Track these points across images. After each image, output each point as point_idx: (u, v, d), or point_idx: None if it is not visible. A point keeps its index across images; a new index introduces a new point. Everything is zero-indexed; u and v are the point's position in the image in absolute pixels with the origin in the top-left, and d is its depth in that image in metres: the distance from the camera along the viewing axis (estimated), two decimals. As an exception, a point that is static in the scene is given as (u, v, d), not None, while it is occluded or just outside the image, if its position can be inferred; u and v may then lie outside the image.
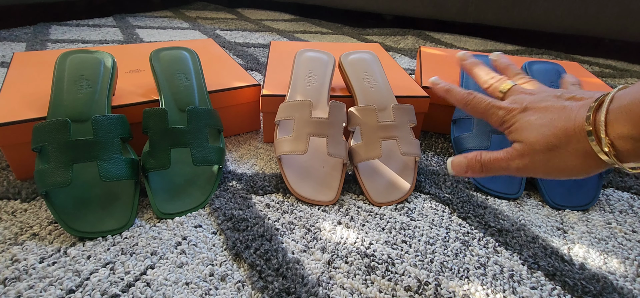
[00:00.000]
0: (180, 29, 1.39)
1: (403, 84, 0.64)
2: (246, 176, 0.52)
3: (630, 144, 0.27)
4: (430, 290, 0.36)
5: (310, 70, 0.60)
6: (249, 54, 1.09)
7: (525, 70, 0.63)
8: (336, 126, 0.50)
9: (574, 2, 1.21)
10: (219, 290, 0.35)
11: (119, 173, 0.42)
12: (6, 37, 1.12)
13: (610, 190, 0.53)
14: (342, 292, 0.35)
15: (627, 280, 0.39)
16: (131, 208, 0.43)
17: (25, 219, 0.42)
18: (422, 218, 0.46)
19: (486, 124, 0.55)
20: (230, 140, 0.62)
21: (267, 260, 0.38)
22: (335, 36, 1.41)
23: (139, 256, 0.38)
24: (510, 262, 0.40)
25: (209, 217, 0.44)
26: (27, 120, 0.46)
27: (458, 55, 0.48)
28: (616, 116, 0.27)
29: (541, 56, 1.23)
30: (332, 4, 1.66)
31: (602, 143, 0.28)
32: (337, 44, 0.87)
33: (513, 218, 0.47)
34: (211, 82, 0.59)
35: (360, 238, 0.42)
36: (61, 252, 0.38)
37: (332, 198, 0.48)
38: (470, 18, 1.40)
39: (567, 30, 1.26)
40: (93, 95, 0.49)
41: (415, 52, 1.21)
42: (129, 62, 0.67)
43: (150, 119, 0.46)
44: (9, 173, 0.50)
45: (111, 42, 1.15)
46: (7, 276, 0.35)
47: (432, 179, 0.54)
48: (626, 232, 0.45)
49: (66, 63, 0.51)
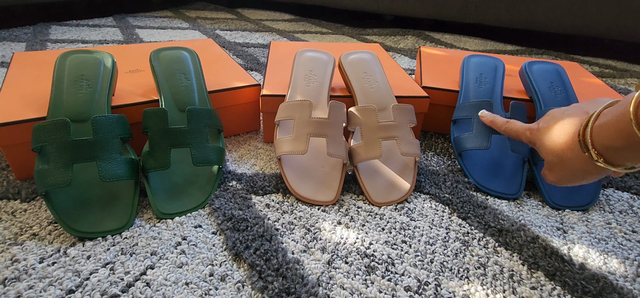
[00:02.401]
0: (180, 29, 1.39)
1: (403, 84, 0.64)
2: (246, 176, 0.52)
3: (613, 152, 0.32)
4: (430, 290, 0.36)
5: (310, 70, 0.60)
6: (249, 54, 1.09)
7: (525, 70, 0.63)
8: (336, 126, 0.50)
9: (574, 2, 1.21)
10: (219, 290, 0.35)
11: (119, 173, 0.42)
12: (6, 37, 1.12)
13: (610, 190, 0.53)
14: (342, 292, 0.35)
15: (627, 280, 0.39)
16: (131, 209, 0.43)
17: (25, 219, 0.42)
18: (422, 218, 0.46)
19: (486, 124, 0.55)
20: (230, 140, 0.62)
21: (267, 260, 0.38)
22: (335, 36, 1.41)
23: (139, 256, 0.38)
24: (510, 262, 0.40)
25: (208, 217, 0.44)
26: (27, 120, 0.46)
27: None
28: (598, 132, 0.33)
29: (541, 56, 1.23)
30: (332, 4, 1.66)
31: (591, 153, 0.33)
32: (337, 44, 0.87)
33: (513, 218, 0.47)
34: (211, 82, 0.59)
35: (360, 239, 0.42)
36: (61, 252, 0.38)
37: (332, 198, 0.48)
38: (470, 18, 1.40)
39: (567, 30, 1.26)
40: (93, 95, 0.49)
41: (415, 52, 1.21)
42: (129, 62, 0.67)
43: (150, 119, 0.46)
44: (9, 173, 0.50)
45: (111, 42, 1.15)
46: (7, 276, 0.35)
47: (432, 179, 0.54)
48: (626, 232, 0.45)
49: (66, 63, 0.51)
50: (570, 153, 0.36)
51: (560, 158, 0.38)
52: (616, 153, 0.32)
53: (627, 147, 0.31)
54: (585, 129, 0.34)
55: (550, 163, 0.40)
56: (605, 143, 0.32)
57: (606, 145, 0.32)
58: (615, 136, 0.31)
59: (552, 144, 0.38)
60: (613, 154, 0.32)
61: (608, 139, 0.32)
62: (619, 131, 0.31)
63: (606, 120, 0.32)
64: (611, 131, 0.32)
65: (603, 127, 0.32)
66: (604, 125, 0.32)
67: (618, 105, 0.32)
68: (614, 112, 0.32)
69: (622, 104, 0.31)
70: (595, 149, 0.33)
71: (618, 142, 0.31)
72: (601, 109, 0.34)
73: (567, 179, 0.39)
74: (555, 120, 0.39)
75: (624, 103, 0.31)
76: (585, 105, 0.38)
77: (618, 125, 0.31)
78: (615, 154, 0.32)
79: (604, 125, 0.32)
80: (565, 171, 0.38)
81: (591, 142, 0.33)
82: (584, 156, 0.34)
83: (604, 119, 0.33)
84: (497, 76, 0.64)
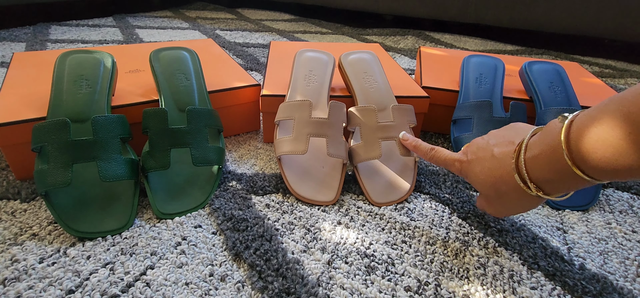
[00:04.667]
0: (180, 29, 1.39)
1: (403, 84, 0.64)
2: (246, 176, 0.52)
3: (550, 184, 0.31)
4: (430, 290, 0.36)
5: (310, 70, 0.60)
6: (249, 54, 1.09)
7: (525, 70, 0.63)
8: (336, 126, 0.50)
9: (574, 2, 1.20)
10: (219, 290, 0.35)
11: (119, 173, 0.42)
12: (6, 37, 1.12)
13: (610, 190, 0.53)
14: (342, 292, 0.35)
15: (627, 280, 0.39)
16: (131, 209, 0.43)
17: (25, 219, 0.42)
18: (422, 218, 0.46)
19: (486, 124, 0.55)
20: (230, 140, 0.62)
21: (267, 261, 0.38)
22: (335, 36, 1.41)
23: (139, 256, 0.38)
24: (510, 262, 0.40)
25: (208, 217, 0.44)
26: (27, 120, 0.46)
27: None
28: (531, 166, 0.32)
29: (541, 56, 1.23)
30: (332, 4, 1.66)
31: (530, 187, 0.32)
32: (337, 44, 0.87)
33: (513, 218, 0.46)
34: (211, 82, 0.59)
35: (360, 239, 0.42)
36: (61, 252, 0.38)
37: (332, 198, 0.48)
38: (470, 18, 1.40)
39: (567, 30, 1.26)
40: (93, 95, 0.49)
41: (415, 52, 1.21)
42: (128, 62, 0.67)
43: (150, 119, 0.46)
44: (9, 173, 0.50)
45: (111, 42, 1.15)
46: (6, 276, 0.35)
47: (432, 179, 0.54)
48: (626, 232, 0.45)
49: (66, 63, 0.51)
50: (505, 187, 0.34)
51: (497, 192, 0.36)
52: (553, 184, 0.31)
53: (562, 179, 0.30)
54: (518, 163, 0.33)
55: (487, 197, 0.38)
56: (542, 176, 0.31)
57: (543, 179, 0.31)
58: (550, 168, 0.30)
59: (485, 177, 0.36)
60: (550, 186, 0.32)
61: (544, 171, 0.31)
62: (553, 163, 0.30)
63: (538, 153, 0.31)
64: (546, 164, 0.30)
65: (537, 160, 0.31)
66: (538, 158, 0.31)
67: (545, 135, 0.31)
68: (543, 143, 0.31)
69: (550, 134, 0.30)
70: (533, 183, 0.32)
71: (554, 175, 0.30)
72: (527, 140, 0.33)
73: (507, 210, 0.37)
74: (484, 151, 0.37)
75: (552, 134, 0.30)
76: (507, 134, 0.36)
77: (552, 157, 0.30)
78: (552, 186, 0.31)
79: (537, 158, 0.31)
80: (504, 204, 0.36)
81: (528, 176, 0.32)
82: (521, 189, 0.33)
83: (536, 150, 0.31)
84: (497, 76, 0.64)
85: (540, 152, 0.31)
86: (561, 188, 0.31)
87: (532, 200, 0.34)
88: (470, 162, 0.38)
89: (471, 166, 0.38)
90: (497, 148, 0.36)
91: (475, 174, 0.38)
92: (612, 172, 0.27)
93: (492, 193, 0.36)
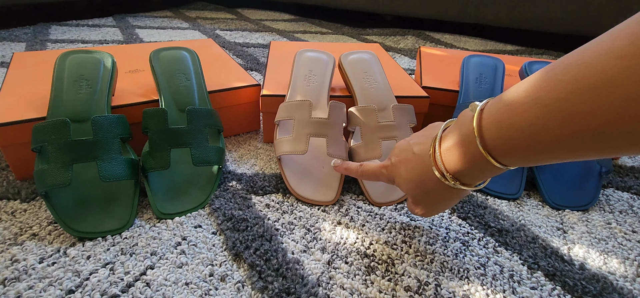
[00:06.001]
0: (180, 29, 1.39)
1: (403, 84, 0.64)
2: (246, 176, 0.52)
3: (465, 174, 0.31)
4: (430, 291, 0.36)
5: (310, 70, 0.60)
6: (249, 54, 1.09)
7: (525, 70, 0.63)
8: (336, 126, 0.50)
9: (574, 2, 1.20)
10: (219, 290, 0.35)
11: (119, 173, 0.42)
12: (6, 37, 1.12)
13: (610, 190, 0.53)
14: (342, 292, 0.35)
15: (627, 280, 0.39)
16: (131, 209, 0.43)
17: (25, 219, 0.42)
18: (422, 218, 0.46)
19: None
20: (230, 140, 0.62)
21: (267, 261, 0.38)
22: (335, 36, 1.41)
23: (139, 256, 0.38)
24: (510, 262, 0.40)
25: (208, 217, 0.44)
26: (27, 120, 0.46)
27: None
28: (446, 157, 0.32)
29: (541, 56, 1.23)
30: (332, 4, 1.66)
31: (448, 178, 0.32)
32: (337, 44, 0.87)
33: (513, 218, 0.46)
34: (211, 82, 0.59)
35: (360, 239, 0.42)
36: (61, 252, 0.38)
37: (332, 198, 0.48)
38: (470, 18, 1.40)
39: (567, 30, 1.26)
40: (93, 95, 0.49)
41: (415, 52, 1.21)
42: (128, 62, 0.67)
43: (150, 119, 0.46)
44: (9, 173, 0.50)
45: (111, 42, 1.15)
46: (6, 276, 0.35)
47: (432, 179, 0.54)
48: (626, 232, 0.45)
49: (66, 63, 0.51)
50: (430, 183, 0.34)
51: (423, 191, 0.35)
52: (469, 173, 0.31)
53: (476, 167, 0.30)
54: (435, 157, 0.33)
55: (415, 197, 0.37)
56: (457, 167, 0.31)
57: (458, 169, 0.31)
58: (465, 158, 0.30)
59: (410, 177, 0.36)
60: (466, 176, 0.31)
61: (459, 162, 0.31)
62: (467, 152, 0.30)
63: (452, 144, 0.31)
64: (460, 154, 0.30)
65: (451, 151, 0.31)
66: (452, 149, 0.31)
67: (458, 126, 0.31)
68: (457, 133, 0.31)
69: (462, 124, 0.30)
70: (449, 174, 0.32)
71: (468, 164, 0.30)
72: (441, 133, 0.33)
73: (435, 208, 0.37)
74: (405, 152, 0.37)
75: (464, 123, 0.30)
76: (426, 132, 0.37)
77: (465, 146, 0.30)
78: (468, 175, 0.31)
79: (451, 149, 0.31)
80: (432, 201, 0.36)
81: (445, 168, 0.32)
82: (441, 182, 0.33)
83: (450, 142, 0.31)
84: (497, 76, 0.64)
85: (454, 143, 0.31)
86: (477, 176, 0.31)
87: (453, 192, 0.34)
88: (394, 166, 0.38)
89: (396, 169, 0.38)
90: (417, 146, 0.36)
91: (401, 176, 0.37)
92: (522, 158, 0.27)
93: (418, 192, 0.36)
